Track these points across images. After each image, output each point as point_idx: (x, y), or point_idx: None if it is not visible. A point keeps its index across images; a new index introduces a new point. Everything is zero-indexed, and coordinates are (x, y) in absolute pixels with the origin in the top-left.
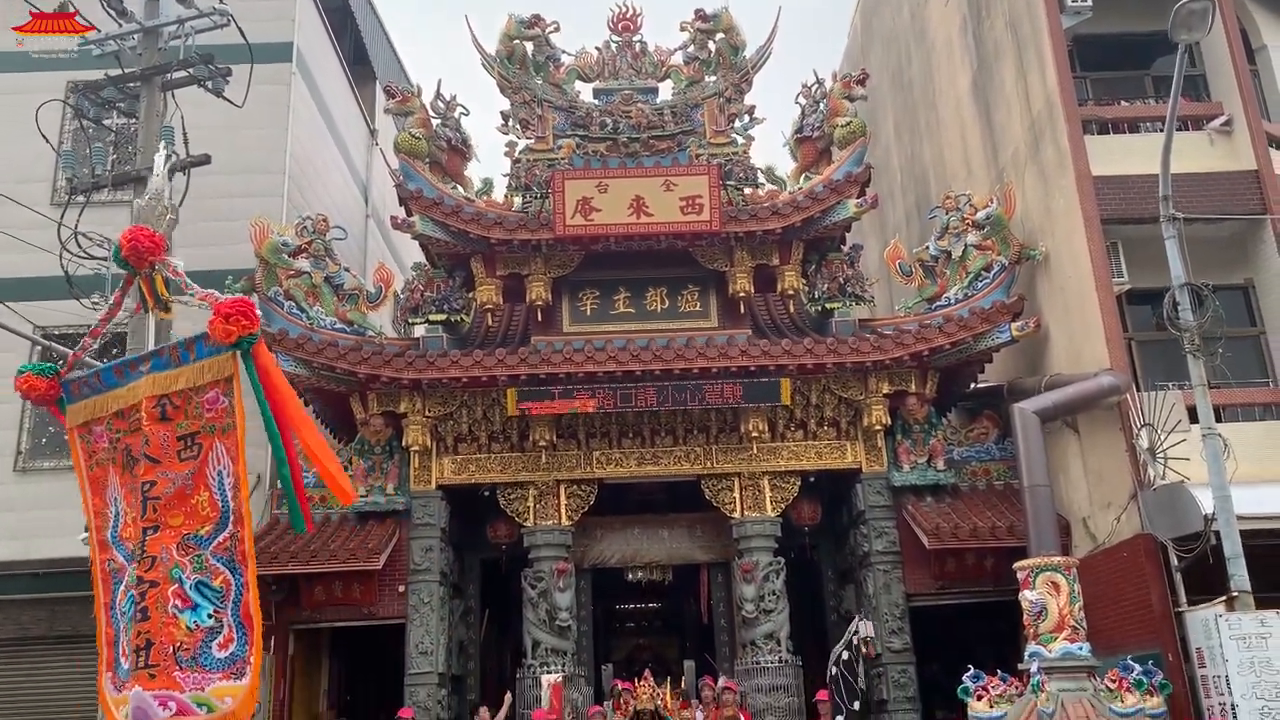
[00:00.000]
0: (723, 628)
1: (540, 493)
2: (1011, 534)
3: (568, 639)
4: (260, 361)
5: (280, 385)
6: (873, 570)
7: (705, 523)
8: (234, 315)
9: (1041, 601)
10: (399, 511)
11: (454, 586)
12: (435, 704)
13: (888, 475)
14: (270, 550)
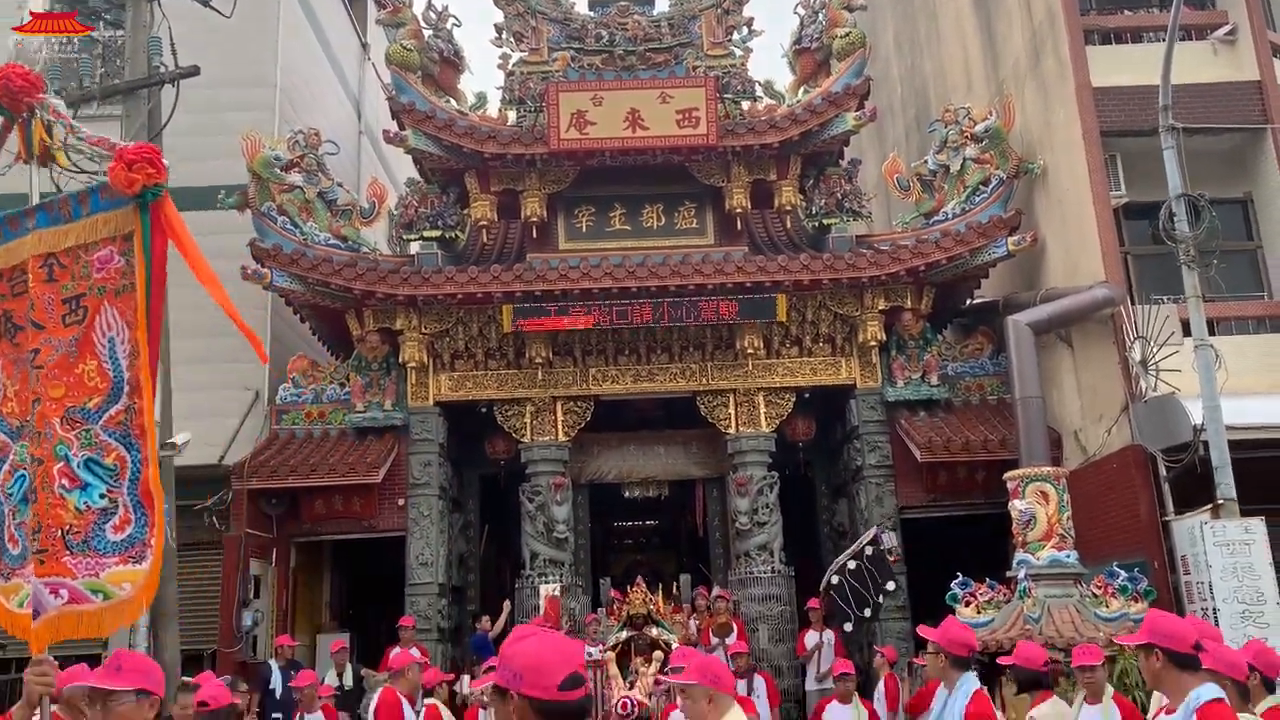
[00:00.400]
0: (717, 541)
1: (537, 409)
2: (1003, 447)
3: (565, 551)
4: (164, 215)
5: (189, 242)
6: (865, 484)
7: (701, 439)
8: (138, 162)
9: (1030, 511)
10: (397, 427)
11: (453, 501)
12: (436, 613)
13: (882, 391)
14: (269, 465)
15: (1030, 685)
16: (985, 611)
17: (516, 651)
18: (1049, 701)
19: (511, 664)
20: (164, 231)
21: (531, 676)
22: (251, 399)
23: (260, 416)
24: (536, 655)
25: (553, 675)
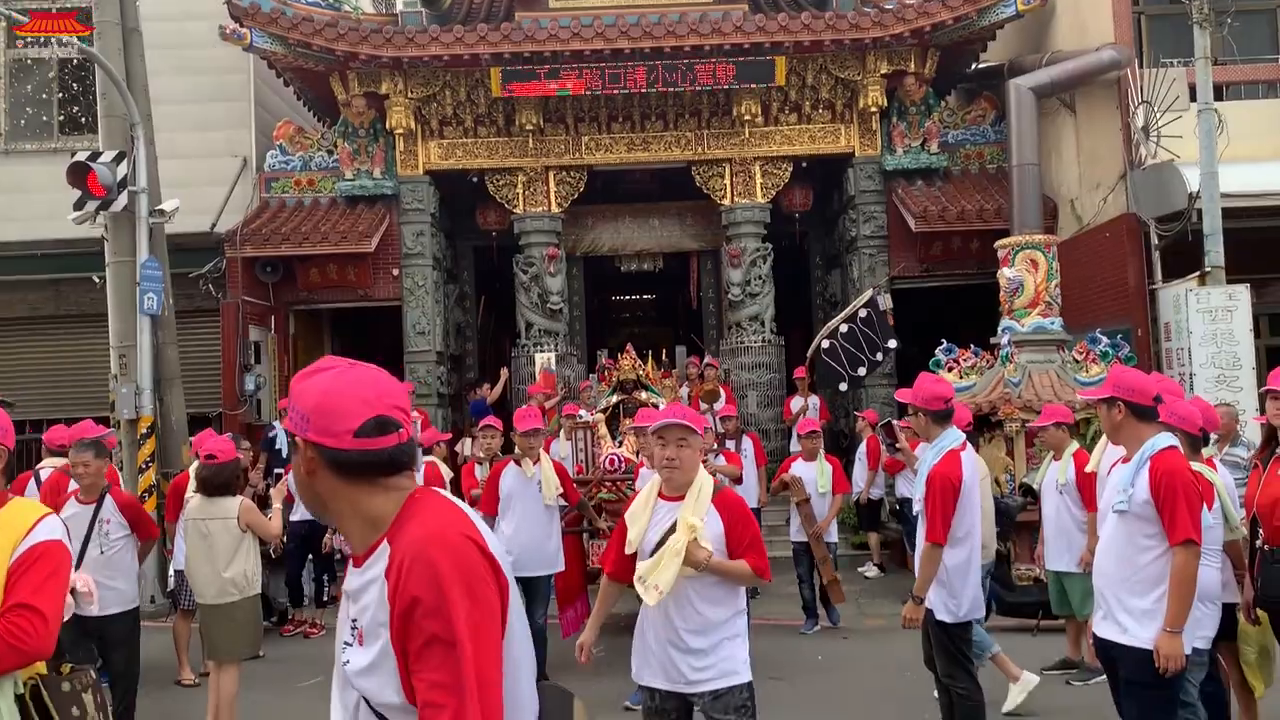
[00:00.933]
0: (710, 312)
1: (529, 179)
2: (999, 216)
3: (559, 321)
4: None
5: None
6: (859, 254)
7: (696, 211)
8: None
9: (1019, 278)
10: (387, 196)
11: (448, 272)
12: (434, 380)
13: (880, 159)
14: (261, 233)
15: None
16: (968, 377)
17: (303, 389)
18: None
19: (297, 404)
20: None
21: (320, 420)
22: (240, 166)
23: (249, 184)
24: (327, 394)
25: (346, 419)
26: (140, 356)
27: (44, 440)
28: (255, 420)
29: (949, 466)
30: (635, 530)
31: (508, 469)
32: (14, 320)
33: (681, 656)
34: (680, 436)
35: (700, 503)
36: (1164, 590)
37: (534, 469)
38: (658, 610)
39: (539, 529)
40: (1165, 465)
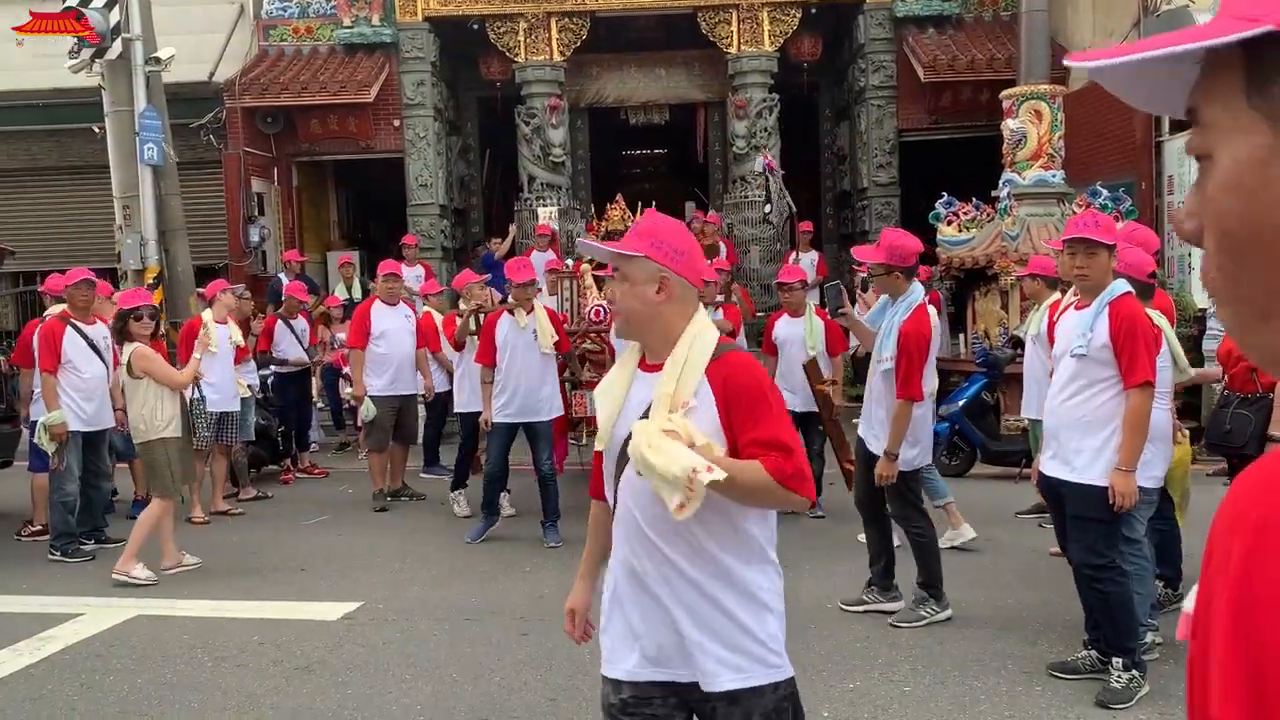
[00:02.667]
0: (717, 166)
1: (530, 26)
2: (1009, 66)
3: (561, 175)
4: None
5: None
6: (867, 105)
7: (702, 60)
8: None
9: (1022, 130)
10: (387, 44)
11: (450, 124)
12: (438, 233)
13: (891, 6)
14: (260, 82)
15: None
16: (967, 230)
17: (672, 229)
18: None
19: (668, 240)
20: None
21: (687, 259)
22: (237, 13)
23: (247, 32)
24: (685, 240)
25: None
26: (144, 207)
27: (43, 289)
28: (261, 271)
29: (918, 323)
30: (602, 415)
31: (502, 319)
32: (15, 171)
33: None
34: (617, 267)
35: (687, 373)
36: (1113, 430)
37: (527, 319)
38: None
39: (534, 377)
40: (1125, 310)
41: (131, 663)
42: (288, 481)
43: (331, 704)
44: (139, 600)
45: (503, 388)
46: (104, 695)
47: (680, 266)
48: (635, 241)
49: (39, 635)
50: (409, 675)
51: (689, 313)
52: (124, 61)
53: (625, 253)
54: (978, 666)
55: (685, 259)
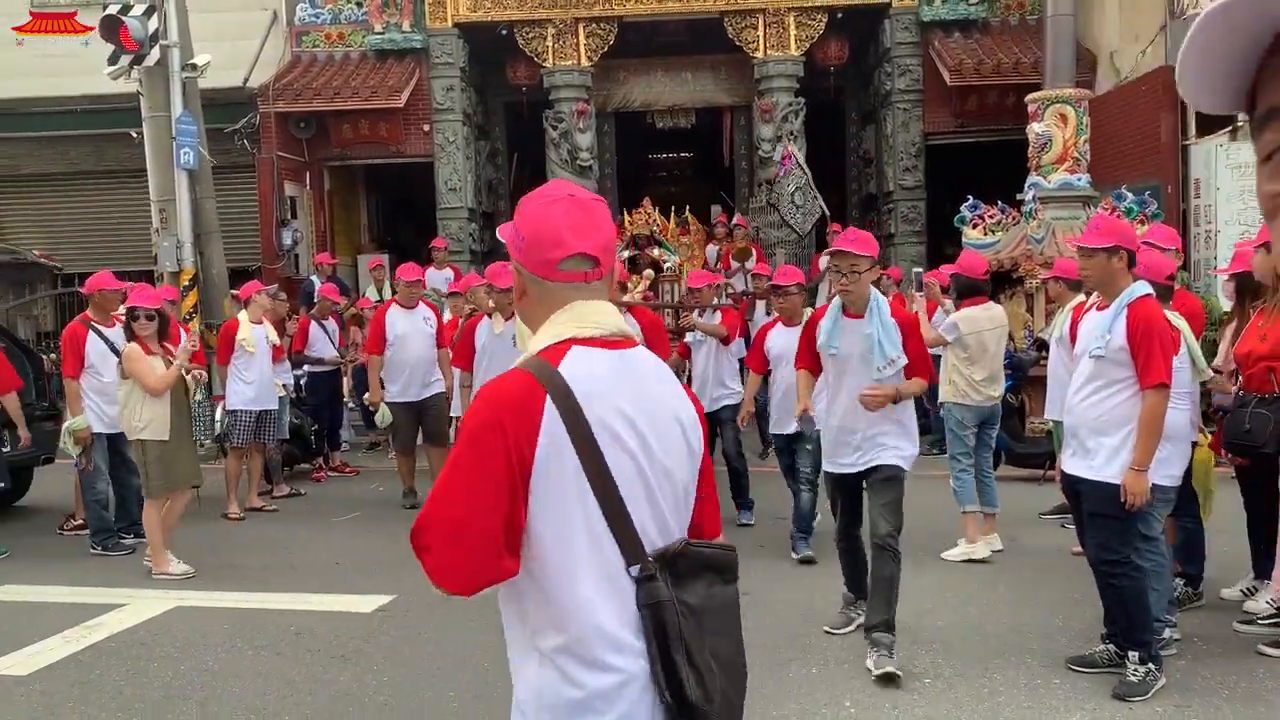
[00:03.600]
0: (743, 169)
1: (559, 31)
2: (1035, 70)
3: (589, 179)
4: None
5: None
6: (893, 109)
7: (729, 64)
8: None
9: (1047, 134)
10: (417, 50)
11: (479, 128)
12: (466, 236)
13: (917, 10)
14: (294, 88)
15: (970, 292)
16: (992, 233)
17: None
18: (982, 305)
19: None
20: None
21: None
22: (270, 20)
23: (280, 38)
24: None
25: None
26: (180, 210)
27: (84, 290)
28: (293, 274)
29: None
30: None
31: (481, 324)
32: (54, 176)
33: None
34: None
35: None
36: (1131, 429)
37: (504, 324)
38: None
39: None
40: (1143, 312)
41: (174, 650)
42: (320, 479)
43: (369, 691)
44: (178, 592)
45: None
46: (149, 681)
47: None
48: None
49: (84, 624)
50: (444, 664)
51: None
52: (161, 68)
53: None
54: (997, 660)
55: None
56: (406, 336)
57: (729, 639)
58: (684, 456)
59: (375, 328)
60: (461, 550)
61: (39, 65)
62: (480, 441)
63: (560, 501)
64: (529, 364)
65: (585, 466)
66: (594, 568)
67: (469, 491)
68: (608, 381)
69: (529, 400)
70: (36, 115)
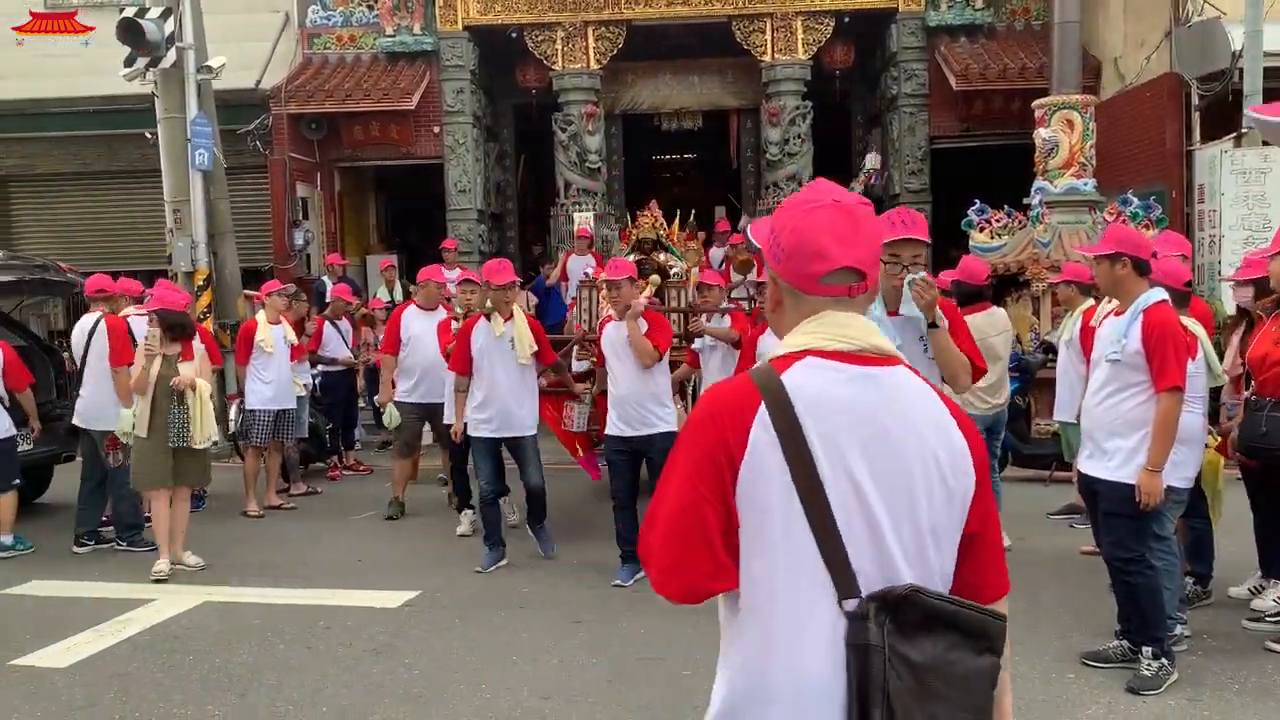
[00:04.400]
0: (749, 172)
1: (568, 34)
2: (1041, 75)
3: (597, 180)
4: None
5: None
6: (899, 113)
7: (736, 67)
8: None
9: (1054, 139)
10: (428, 52)
11: (488, 130)
12: (476, 237)
13: (924, 15)
14: (305, 90)
15: (972, 299)
16: (999, 237)
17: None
18: (985, 312)
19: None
20: None
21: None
22: (282, 21)
23: (292, 40)
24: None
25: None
26: (194, 211)
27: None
28: (305, 274)
29: None
30: None
31: (478, 325)
32: (67, 175)
33: None
34: None
35: None
36: (1146, 432)
37: (504, 326)
38: None
39: (510, 390)
40: (1158, 317)
41: (207, 644)
42: (335, 478)
43: (401, 683)
44: (205, 588)
45: (483, 400)
46: (186, 673)
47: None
48: None
49: (116, 619)
50: (472, 658)
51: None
52: (176, 70)
53: None
54: (1014, 654)
55: None
56: (421, 338)
57: (962, 714)
58: (936, 497)
59: (391, 328)
60: (680, 547)
61: (51, 66)
62: (693, 438)
63: (763, 512)
64: (754, 369)
65: (796, 482)
66: (794, 593)
67: (682, 487)
68: (841, 398)
69: (743, 403)
70: (49, 115)
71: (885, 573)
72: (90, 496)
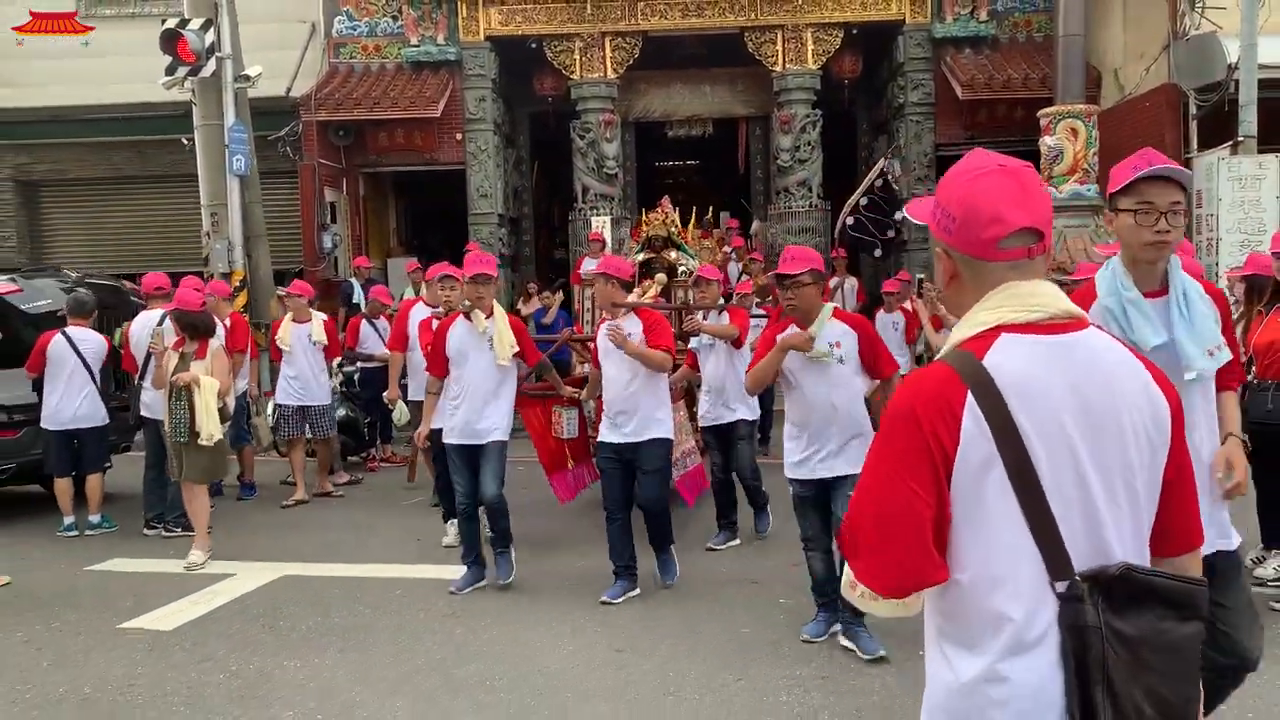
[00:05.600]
0: (758, 178)
1: (586, 45)
2: (1043, 85)
3: (614, 186)
4: None
5: None
6: (906, 121)
7: (746, 77)
8: None
9: (1059, 147)
10: (451, 62)
11: (506, 137)
12: (496, 241)
13: (930, 27)
14: (334, 98)
15: None
16: None
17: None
18: None
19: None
20: None
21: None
22: (309, 32)
23: (318, 49)
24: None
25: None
26: (231, 215)
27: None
28: (333, 276)
29: None
30: None
31: (455, 324)
32: (97, 180)
33: None
34: None
35: None
36: None
37: (485, 323)
38: None
39: (483, 394)
40: None
41: (299, 609)
42: (373, 469)
43: (483, 641)
44: (279, 564)
45: (456, 404)
46: (286, 632)
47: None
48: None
49: (205, 590)
50: (544, 619)
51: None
52: (215, 79)
53: None
54: None
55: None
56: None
57: (1175, 682)
58: (1143, 458)
59: (398, 325)
60: (890, 546)
61: (87, 73)
62: (895, 434)
63: (979, 505)
64: (950, 356)
65: (1009, 469)
66: (1012, 580)
67: (889, 483)
68: (1043, 375)
69: (948, 395)
70: (80, 122)
71: (1096, 546)
72: (154, 483)
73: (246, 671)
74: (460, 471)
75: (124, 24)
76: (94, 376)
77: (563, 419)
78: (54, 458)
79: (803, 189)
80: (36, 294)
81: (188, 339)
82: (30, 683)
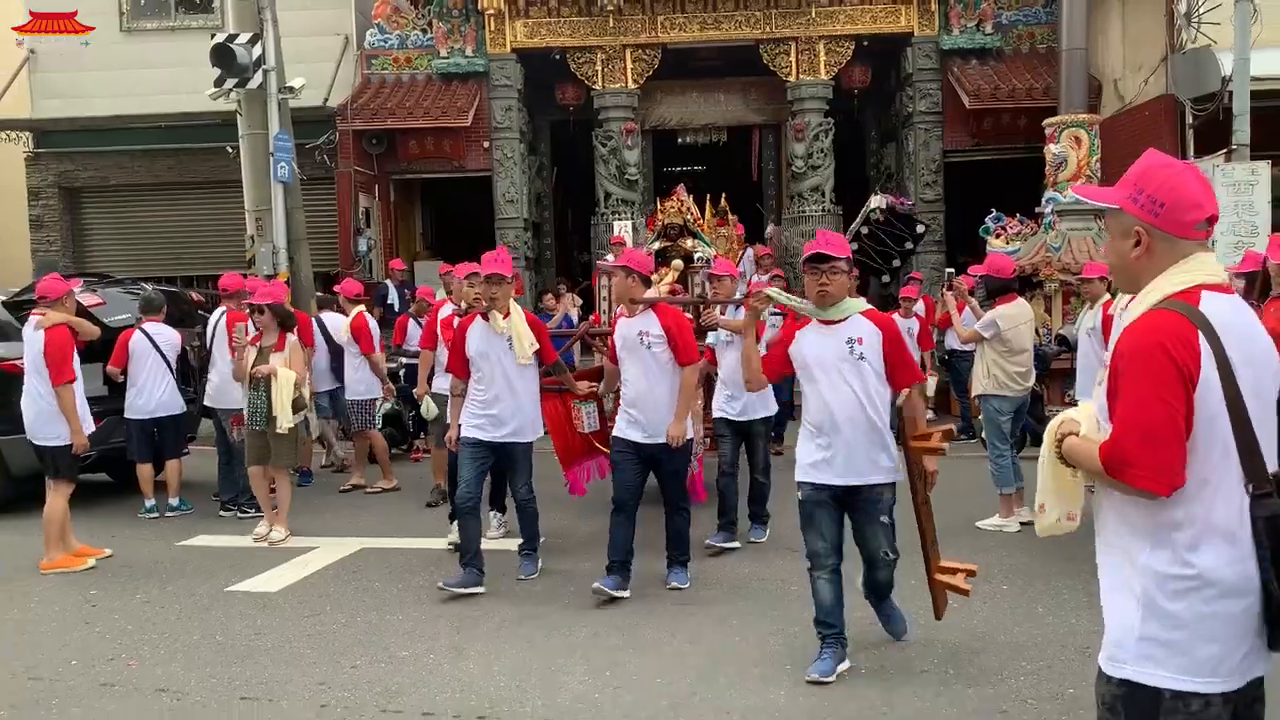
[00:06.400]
0: (770, 184)
1: (608, 56)
2: (1047, 95)
3: (635, 191)
4: None
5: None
6: (914, 129)
7: (759, 86)
8: None
9: (1063, 154)
10: (479, 73)
11: (529, 145)
12: (521, 245)
13: (937, 39)
14: (369, 108)
15: (1001, 291)
16: (1014, 242)
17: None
18: (1014, 302)
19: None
20: None
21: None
22: (343, 44)
23: (351, 61)
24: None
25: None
26: (275, 219)
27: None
28: (368, 279)
29: None
30: None
31: (474, 325)
32: (140, 186)
33: None
34: None
35: None
36: None
37: (504, 323)
38: None
39: (513, 392)
40: None
41: (385, 574)
42: (417, 459)
43: (564, 596)
44: (356, 539)
45: (486, 403)
46: (382, 593)
47: (1160, 220)
48: (1115, 192)
49: (294, 560)
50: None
51: (1162, 267)
52: (260, 90)
53: (1103, 205)
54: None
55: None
56: None
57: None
58: (1275, 390)
59: (429, 325)
60: (1163, 450)
61: (130, 84)
62: (1149, 361)
63: (1206, 420)
64: (1172, 304)
65: (1226, 393)
66: (1223, 484)
67: (1152, 403)
68: (1236, 325)
69: (1186, 333)
70: (127, 130)
71: (1271, 455)
72: (226, 467)
73: (355, 623)
74: (470, 465)
75: (166, 36)
76: (171, 368)
77: (583, 414)
78: (136, 445)
79: (816, 194)
80: (118, 307)
81: (266, 333)
82: (165, 632)
